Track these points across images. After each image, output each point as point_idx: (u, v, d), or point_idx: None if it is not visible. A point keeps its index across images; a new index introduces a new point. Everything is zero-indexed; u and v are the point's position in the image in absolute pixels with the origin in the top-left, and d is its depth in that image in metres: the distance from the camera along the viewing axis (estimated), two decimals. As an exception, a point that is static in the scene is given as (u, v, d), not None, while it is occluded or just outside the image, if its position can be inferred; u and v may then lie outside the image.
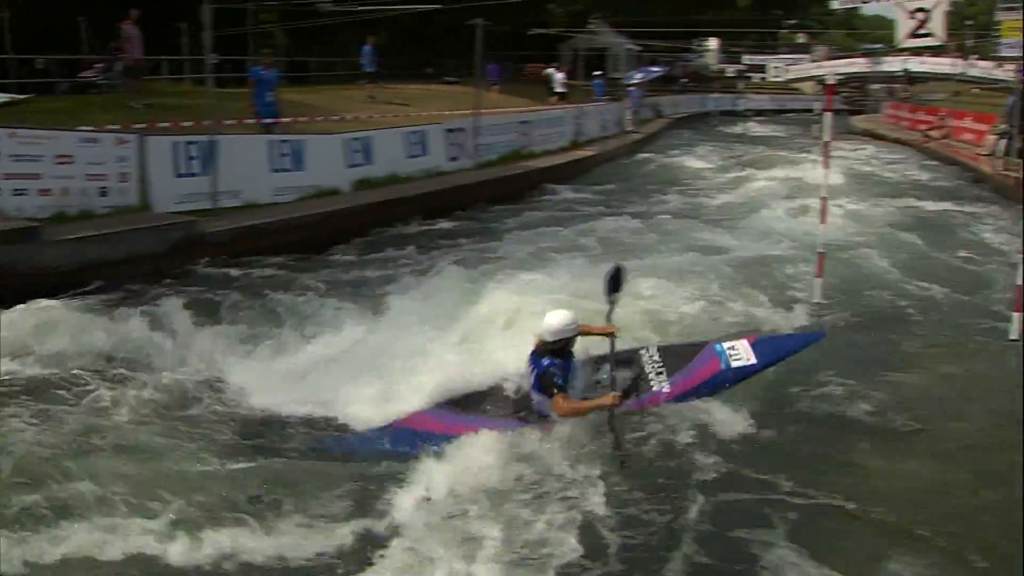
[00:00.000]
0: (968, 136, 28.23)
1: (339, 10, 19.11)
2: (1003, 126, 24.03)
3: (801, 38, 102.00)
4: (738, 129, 22.13)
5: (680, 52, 58.40)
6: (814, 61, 57.40)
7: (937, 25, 11.11)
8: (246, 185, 12.42)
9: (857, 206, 15.20)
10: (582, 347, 5.84)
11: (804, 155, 24.99)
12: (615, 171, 21.67)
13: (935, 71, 52.52)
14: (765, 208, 14.89)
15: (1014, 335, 7.80)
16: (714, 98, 45.57)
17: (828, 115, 8.38)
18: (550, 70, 32.24)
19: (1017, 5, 43.42)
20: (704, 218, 14.42)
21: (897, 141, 31.50)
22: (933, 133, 30.35)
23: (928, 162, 24.26)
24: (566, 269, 9.13)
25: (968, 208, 15.95)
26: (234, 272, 10.10)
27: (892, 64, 46.55)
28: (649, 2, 45.52)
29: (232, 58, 19.81)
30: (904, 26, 11.35)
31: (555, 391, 5.48)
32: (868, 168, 21.87)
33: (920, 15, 10.80)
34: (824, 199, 8.29)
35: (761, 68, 53.88)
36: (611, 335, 5.90)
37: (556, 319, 5.67)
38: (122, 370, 6.77)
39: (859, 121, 44.28)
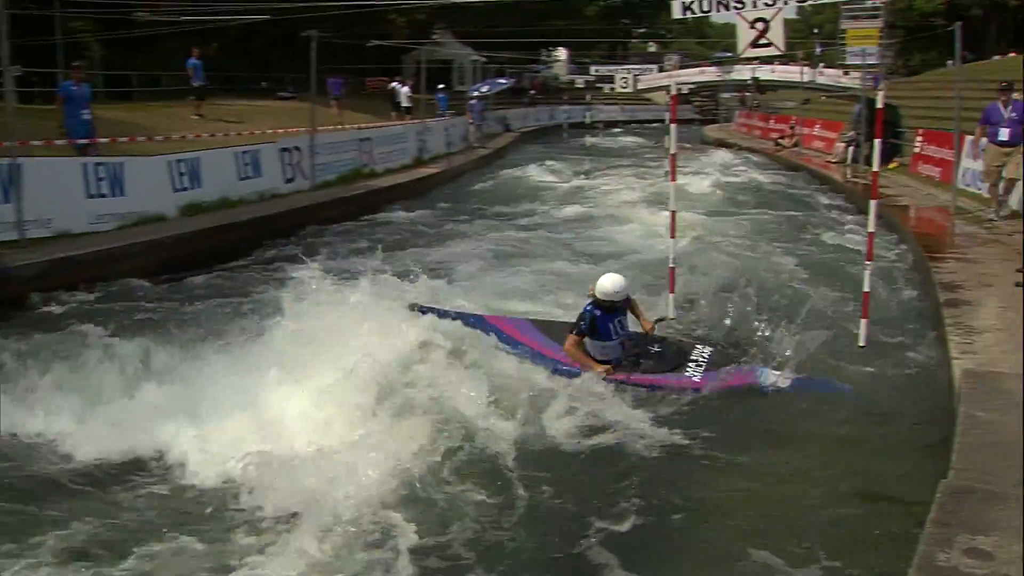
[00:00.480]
0: (818, 144, 30.27)
1: (158, 20, 18.60)
2: (850, 133, 25.93)
3: (652, 47, 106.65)
4: (588, 142, 22.84)
5: (528, 63, 59.91)
6: (664, 70, 60.07)
7: (777, 35, 11.93)
8: (57, 212, 11.89)
9: (709, 218, 16.00)
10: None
11: (654, 167, 26.09)
12: (460, 189, 22.01)
13: (785, 79, 56.13)
14: (614, 223, 15.40)
15: (862, 342, 8.41)
16: (564, 110, 46.89)
17: (673, 127, 8.82)
18: (394, 84, 32.47)
19: (861, 13, 47.00)
20: (552, 235, 14.81)
21: (749, 150, 33.32)
22: (784, 141, 32.33)
23: (780, 171, 25.75)
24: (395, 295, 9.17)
25: (819, 216, 17.09)
26: (49, 309, 9.66)
27: (742, 73, 49.29)
28: (494, 11, 46.36)
29: (39, 71, 18.95)
30: (744, 36, 12.11)
31: (572, 331, 7.12)
32: (720, 179, 22.98)
33: (760, 25, 11.54)
34: (673, 212, 8.70)
35: (611, 79, 55.90)
36: (649, 330, 7.53)
37: (608, 281, 7.15)
38: None
39: (711, 131, 46.60)
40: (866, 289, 8.37)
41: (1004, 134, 13.54)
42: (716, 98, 67.78)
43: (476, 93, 33.13)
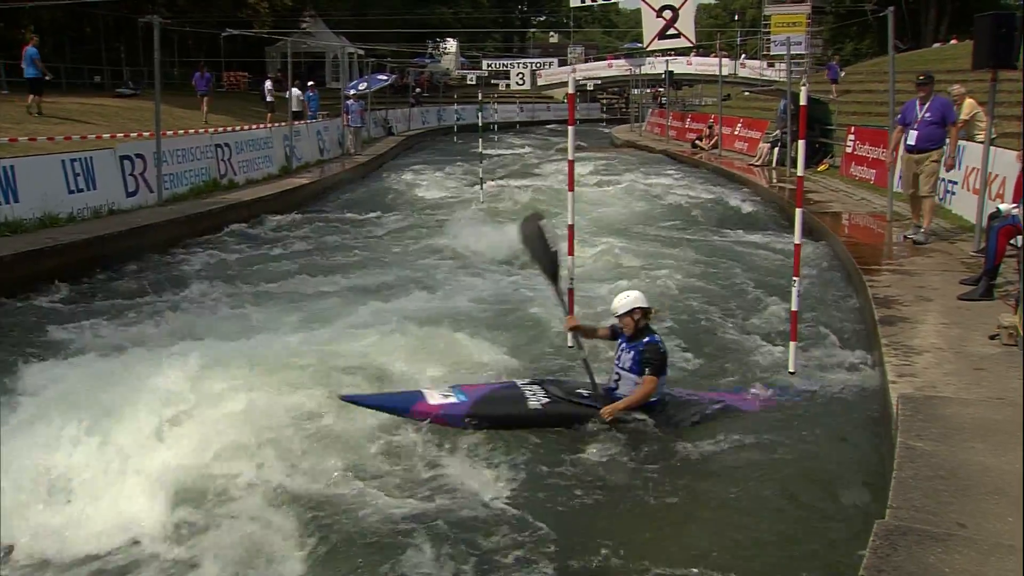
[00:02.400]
0: (740, 145, 31.13)
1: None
2: (775, 133, 26.76)
3: (554, 38, 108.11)
4: (482, 146, 22.90)
5: (412, 56, 60.02)
6: (568, 64, 60.95)
7: (687, 26, 12.09)
8: None
9: (614, 232, 16.19)
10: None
11: (554, 174, 26.37)
12: (332, 204, 21.84)
13: (702, 73, 57.68)
14: (508, 240, 15.48)
15: (791, 367, 8.61)
16: (455, 110, 47.10)
17: (571, 130, 8.86)
18: (268, 83, 32.21)
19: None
20: (438, 255, 14.81)
21: (664, 153, 34.03)
22: (702, 143, 33.14)
23: (697, 176, 26.32)
24: (240, 336, 9.02)
25: (741, 226, 17.48)
26: None
27: (655, 66, 50.45)
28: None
29: None
30: (651, 26, 12.23)
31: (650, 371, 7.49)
32: (629, 187, 23.33)
33: (668, 15, 11.69)
34: (570, 227, 8.72)
35: (507, 74, 56.43)
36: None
37: (636, 295, 7.74)
38: None
39: (621, 132, 47.52)
40: (794, 308, 8.56)
41: (911, 137, 12.98)
42: (626, 95, 69.27)
43: (353, 91, 33.02)
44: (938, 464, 5.59)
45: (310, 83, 33.97)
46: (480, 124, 24.80)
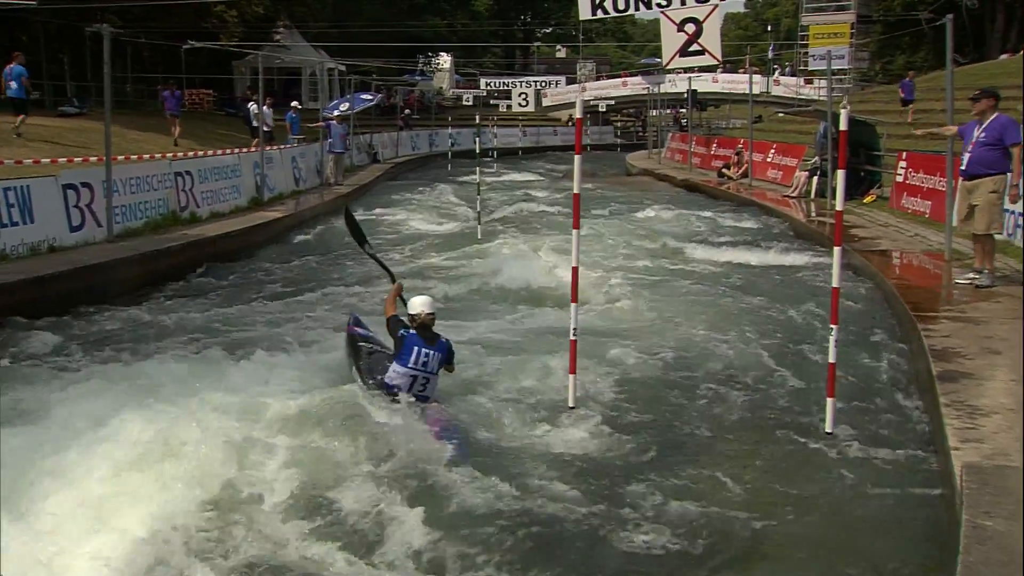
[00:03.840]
0: (773, 174, 31.14)
1: None
2: (814, 160, 26.76)
3: (561, 52, 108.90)
4: (480, 176, 22.87)
5: (401, 73, 60.41)
6: (576, 82, 61.26)
7: (711, 40, 11.96)
8: None
9: (627, 276, 16.08)
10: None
11: (559, 208, 26.34)
12: (309, 240, 21.75)
13: (730, 92, 57.99)
14: (505, 284, 15.40)
15: (829, 427, 8.47)
16: (449, 134, 47.35)
17: (578, 159, 8.73)
18: (252, 104, 32.29)
19: (827, 4, 48.71)
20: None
21: (686, 184, 34.03)
22: (730, 172, 33.15)
23: (725, 209, 26.24)
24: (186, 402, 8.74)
25: (773, 268, 17.36)
26: None
27: (676, 84, 50.68)
28: (353, 5, 46.66)
29: None
30: (671, 42, 12.13)
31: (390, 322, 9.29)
32: (645, 224, 23.28)
33: (690, 28, 11.55)
34: (575, 269, 8.63)
35: (508, 94, 56.88)
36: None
37: (427, 298, 9.16)
38: None
39: (637, 159, 47.61)
40: (831, 360, 8.44)
41: (964, 161, 12.88)
42: (643, 117, 69.56)
43: (335, 112, 33.11)
44: (1011, 547, 5.42)
45: (293, 103, 34.14)
46: (478, 150, 24.82)
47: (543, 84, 47.26)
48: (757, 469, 8.03)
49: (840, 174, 8.82)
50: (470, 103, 45.37)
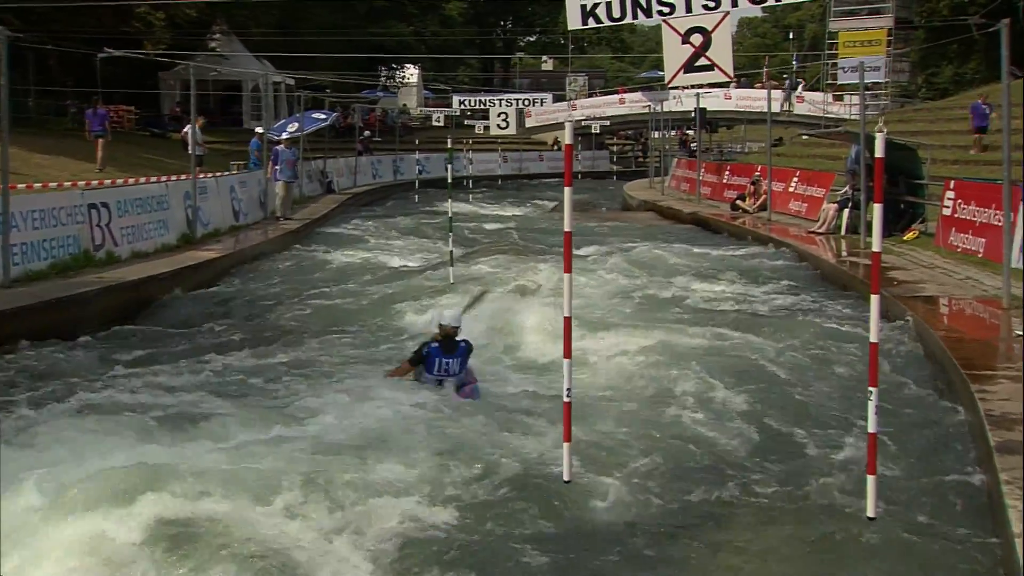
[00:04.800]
0: (796, 206, 31.18)
1: None
2: (845, 190, 26.78)
3: (546, 63, 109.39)
4: (455, 208, 22.83)
5: (361, 88, 60.56)
6: (565, 100, 61.48)
7: (722, 54, 11.83)
8: None
9: (634, 328, 15.96)
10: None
11: (543, 247, 26.31)
12: (249, 285, 21.62)
13: (746, 110, 58.30)
14: (481, 337, 15.35)
15: (871, 511, 8.35)
16: (417, 160, 47.42)
17: (568, 192, 8.56)
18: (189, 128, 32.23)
19: (859, 8, 48.97)
20: (395, 356, 14.62)
21: (694, 219, 34.06)
22: (745, 204, 33.19)
23: (740, 248, 26.26)
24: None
25: (798, 320, 17.26)
26: None
27: (682, 101, 50.89)
28: (303, 8, 46.64)
29: None
30: (674, 56, 11.96)
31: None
32: (648, 265, 23.13)
33: (697, 39, 11.40)
34: (567, 320, 8.50)
35: (485, 113, 56.71)
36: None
37: (456, 312, 12.65)
38: None
39: (636, 189, 47.72)
40: (871, 430, 8.33)
41: None
42: (644, 140, 69.87)
43: (283, 135, 33.04)
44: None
45: (258, 129, 33.94)
46: (450, 179, 24.73)
47: (526, 102, 47.11)
48: (786, 560, 7.98)
49: (876, 208, 8.73)
50: (441, 124, 45.18)
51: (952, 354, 12.58)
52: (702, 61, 12.16)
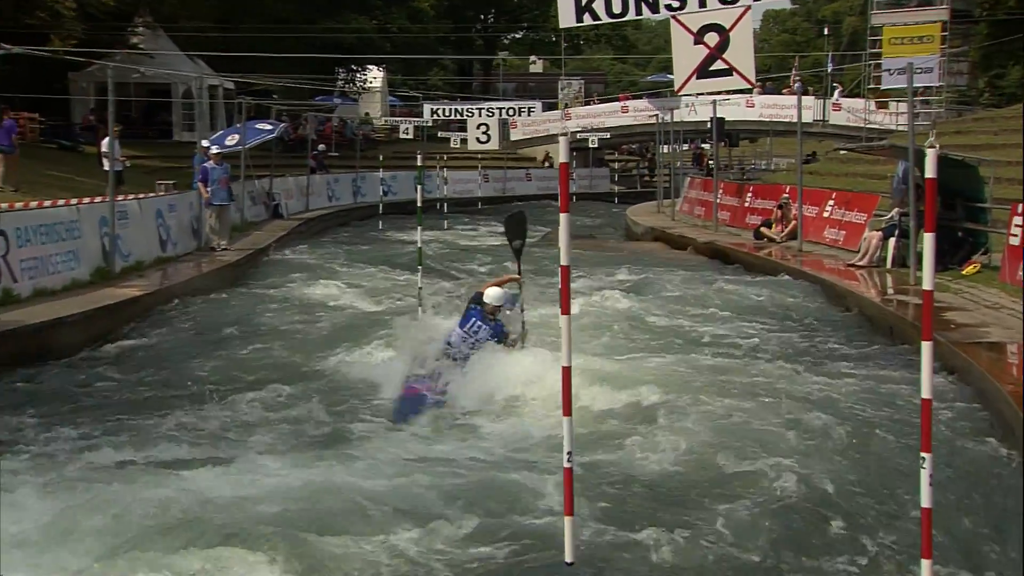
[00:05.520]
0: (832, 234, 31.17)
1: None
2: (891, 215, 26.72)
3: (535, 64, 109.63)
4: (427, 236, 22.80)
5: (313, 95, 60.58)
6: (558, 108, 61.58)
7: (741, 56, 11.68)
8: None
9: (643, 382, 15.92)
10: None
11: (542, 287, 26.27)
12: (178, 332, 21.55)
13: (770, 120, 58.30)
14: (461, 390, 15.44)
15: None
16: (381, 179, 47.36)
17: (564, 219, 8.48)
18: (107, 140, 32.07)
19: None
20: (358, 426, 14.73)
21: (710, 249, 34.02)
22: (771, 231, 33.19)
23: (765, 284, 26.10)
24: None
25: (834, 372, 17.23)
26: None
27: (696, 109, 50.99)
28: (244, 1, 46.59)
29: None
30: (685, 58, 11.78)
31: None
32: (656, 307, 23.18)
33: (712, 37, 11.25)
34: (566, 370, 8.45)
35: (462, 124, 56.61)
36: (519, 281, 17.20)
37: (498, 291, 16.42)
38: None
39: (642, 214, 47.78)
40: (925, 504, 8.30)
41: None
42: (650, 155, 70.04)
43: (216, 148, 32.99)
44: None
45: (204, 143, 33.73)
46: (420, 202, 24.61)
47: (511, 111, 47.12)
48: None
49: (927, 237, 8.65)
50: (410, 136, 45.25)
51: (1022, 410, 12.55)
52: (718, 64, 12.12)
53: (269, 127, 41.12)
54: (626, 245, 39.86)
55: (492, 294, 16.31)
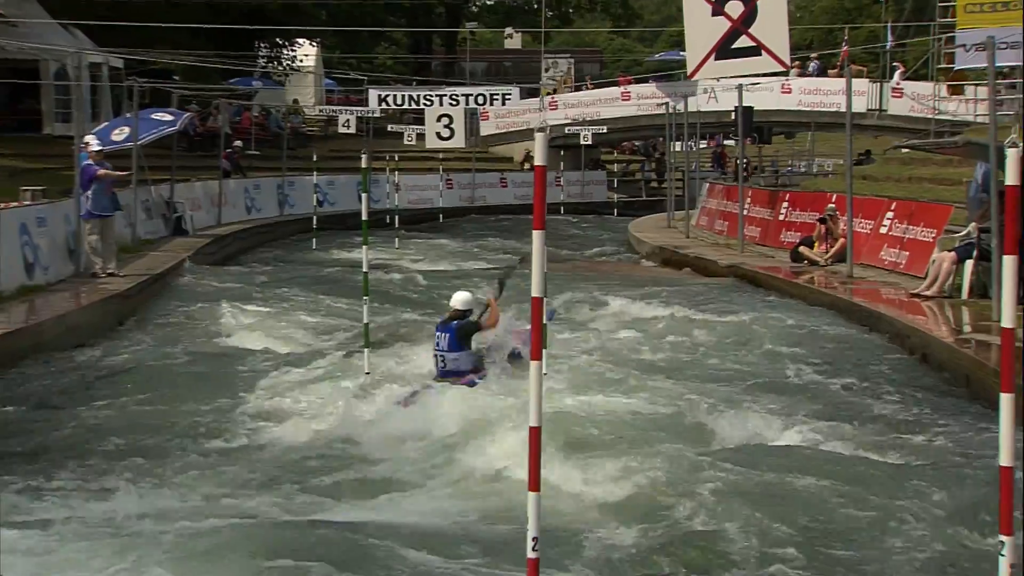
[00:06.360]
0: (891, 255, 31.17)
1: None
2: (967, 231, 26.60)
3: (510, 37, 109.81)
4: (375, 258, 22.82)
5: (226, 76, 60.65)
6: (539, 96, 61.69)
7: (772, 31, 11.54)
8: None
9: (635, 444, 16.14)
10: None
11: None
12: (48, 386, 21.43)
13: (811, 110, 58.34)
14: (414, 453, 15.62)
15: None
16: (315, 185, 47.31)
17: (537, 236, 8.50)
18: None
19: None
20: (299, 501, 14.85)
21: (734, 273, 34.02)
22: (813, 251, 33.26)
23: (807, 317, 26.28)
24: None
25: (891, 436, 17.32)
26: None
27: (717, 97, 51.09)
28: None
29: None
30: (700, 36, 11.64)
31: (478, 325, 20.12)
32: (666, 349, 23.27)
33: (736, 7, 11.10)
34: (536, 431, 8.48)
35: (418, 115, 56.37)
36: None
37: (463, 295, 20.35)
38: None
39: (648, 229, 47.89)
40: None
41: None
42: (658, 154, 70.18)
43: (98, 145, 32.91)
44: None
45: (95, 146, 33.67)
46: (365, 215, 24.60)
47: (481, 98, 47.03)
48: None
49: (1007, 261, 8.64)
50: (351, 130, 45.33)
51: None
52: (743, 41, 12.02)
53: (169, 118, 40.87)
54: (631, 269, 39.87)
55: (457, 297, 19.75)
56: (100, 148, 31.88)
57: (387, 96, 42.30)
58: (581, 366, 21.09)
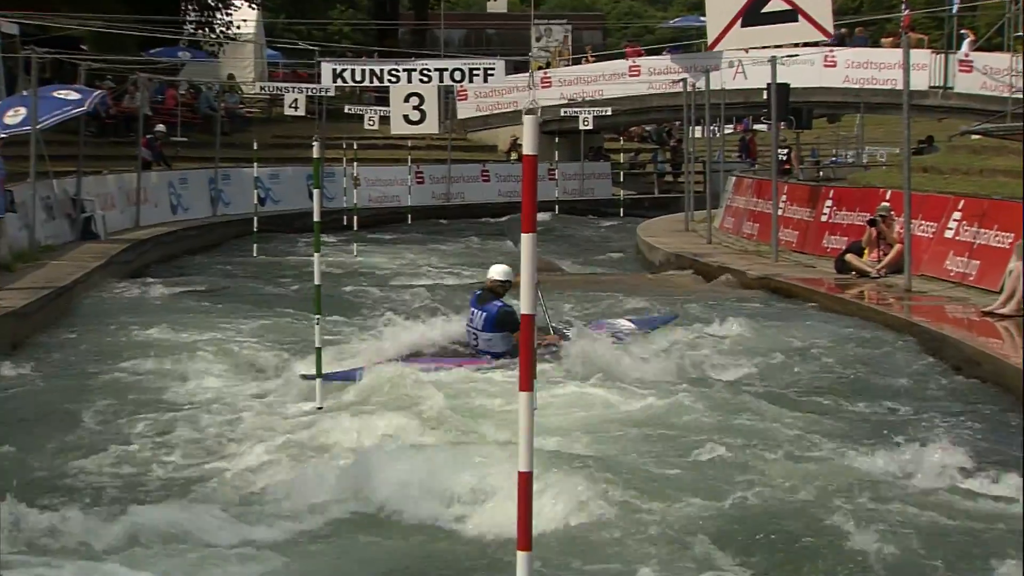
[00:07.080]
0: (958, 264, 31.23)
1: None
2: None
3: (498, 4, 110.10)
4: (327, 268, 22.87)
5: (146, 46, 60.85)
6: (529, 71, 61.91)
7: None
8: None
9: (633, 489, 16.18)
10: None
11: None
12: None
13: (859, 88, 58.44)
14: (372, 496, 15.88)
15: None
16: (256, 179, 47.36)
17: (527, 240, 8.57)
18: None
19: None
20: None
21: (765, 286, 34.06)
22: (863, 261, 33.35)
23: (853, 342, 26.27)
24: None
25: (962, 489, 17.41)
26: None
27: (745, 73, 51.30)
28: None
29: None
30: (722, 2, 11.68)
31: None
32: (696, 376, 23.35)
33: None
34: (526, 479, 8.60)
35: (381, 94, 56.37)
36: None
37: (501, 267, 23.74)
38: None
39: (662, 232, 48.07)
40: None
41: None
42: (675, 141, 70.38)
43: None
44: None
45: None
46: (317, 215, 24.64)
47: (458, 74, 47.24)
48: None
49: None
50: (299, 112, 45.36)
51: None
52: (777, 4, 12.03)
53: (75, 97, 40.79)
54: (643, 281, 39.93)
55: (496, 268, 22.76)
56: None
57: (343, 71, 42.25)
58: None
